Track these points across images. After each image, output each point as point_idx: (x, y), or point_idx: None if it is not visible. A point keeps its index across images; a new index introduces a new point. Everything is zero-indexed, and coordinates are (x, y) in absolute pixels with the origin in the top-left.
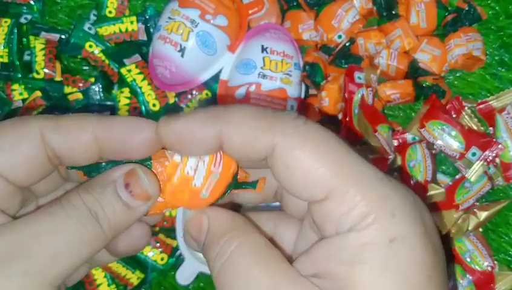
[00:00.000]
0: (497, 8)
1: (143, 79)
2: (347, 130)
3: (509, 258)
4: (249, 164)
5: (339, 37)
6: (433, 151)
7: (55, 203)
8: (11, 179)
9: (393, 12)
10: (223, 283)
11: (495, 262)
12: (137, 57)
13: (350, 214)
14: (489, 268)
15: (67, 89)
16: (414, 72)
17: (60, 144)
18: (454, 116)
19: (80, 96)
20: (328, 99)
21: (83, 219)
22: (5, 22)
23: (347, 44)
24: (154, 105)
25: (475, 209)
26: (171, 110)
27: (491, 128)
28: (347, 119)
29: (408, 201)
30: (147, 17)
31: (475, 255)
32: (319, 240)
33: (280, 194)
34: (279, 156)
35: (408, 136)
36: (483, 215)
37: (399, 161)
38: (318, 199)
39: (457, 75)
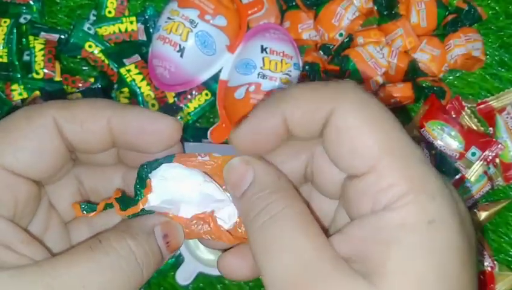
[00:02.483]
0: (497, 8)
1: (143, 79)
2: None
3: (509, 259)
4: (306, 136)
5: (341, 35)
6: (433, 151)
7: (96, 245)
8: (33, 175)
9: (394, 11)
10: (263, 241)
11: (495, 262)
12: (136, 57)
13: (389, 191)
14: (489, 268)
15: (67, 89)
16: (413, 72)
17: (74, 135)
18: (454, 116)
19: (79, 96)
20: None
21: (130, 269)
22: (5, 22)
23: (346, 40)
24: (153, 105)
25: (475, 209)
26: (169, 109)
27: (491, 128)
28: None
29: (447, 188)
30: (146, 17)
31: (480, 260)
32: (353, 221)
33: (310, 173)
34: (333, 121)
35: None
36: (483, 215)
37: None
38: (360, 171)
39: (457, 75)
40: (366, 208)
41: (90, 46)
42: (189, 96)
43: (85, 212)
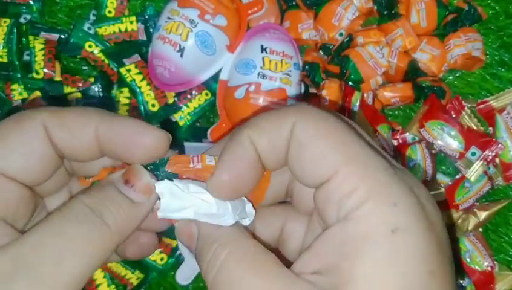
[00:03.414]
0: (497, 8)
1: (143, 79)
2: None
3: (509, 258)
4: (277, 165)
5: (341, 34)
6: (433, 151)
7: (55, 211)
8: (24, 179)
9: (394, 11)
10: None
11: (495, 262)
12: (136, 57)
13: (351, 196)
14: (489, 268)
15: (67, 89)
16: (413, 72)
17: (63, 141)
18: (454, 116)
19: (79, 96)
20: (328, 98)
21: (85, 220)
22: (5, 21)
23: (346, 40)
24: (153, 105)
25: (475, 209)
26: (169, 109)
27: (490, 128)
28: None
29: (413, 193)
30: (146, 17)
31: (475, 255)
32: (320, 234)
33: (290, 191)
34: (294, 135)
35: (408, 136)
36: (483, 215)
37: (399, 161)
38: (323, 179)
39: (457, 75)
40: (332, 216)
41: (90, 46)
42: (189, 96)
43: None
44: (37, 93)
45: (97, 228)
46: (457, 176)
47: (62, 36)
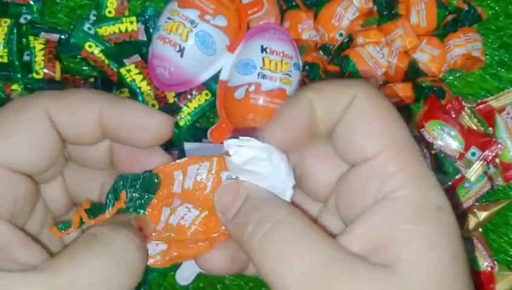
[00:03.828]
0: (497, 8)
1: (143, 79)
2: None
3: (509, 259)
4: (328, 125)
5: (340, 35)
6: (433, 151)
7: (93, 240)
8: (29, 169)
9: (393, 11)
10: (270, 249)
11: (495, 262)
12: (136, 57)
13: (395, 176)
14: (489, 268)
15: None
16: (413, 72)
17: (65, 125)
18: (454, 116)
19: None
20: None
21: (130, 255)
22: (5, 22)
23: (346, 40)
24: (153, 105)
25: (475, 209)
26: (169, 109)
27: (490, 128)
28: None
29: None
30: (146, 17)
31: (474, 256)
32: (358, 219)
33: (298, 176)
34: (353, 105)
35: None
36: (483, 215)
37: None
38: (369, 155)
39: (457, 75)
40: (371, 192)
41: (90, 46)
42: (189, 96)
43: (63, 231)
44: None
45: (141, 269)
46: (457, 176)
47: (62, 36)
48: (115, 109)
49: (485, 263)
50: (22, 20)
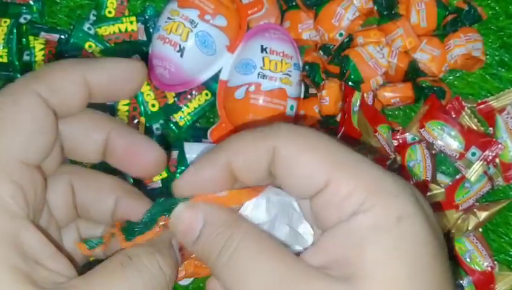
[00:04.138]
0: (497, 8)
1: None
2: (345, 130)
3: (509, 259)
4: (255, 181)
5: (341, 35)
6: (433, 151)
7: (128, 263)
8: (36, 159)
9: (394, 11)
10: (232, 274)
11: (495, 262)
12: (136, 57)
13: (352, 197)
14: (489, 268)
15: None
16: (413, 72)
17: (56, 101)
18: (454, 116)
19: None
20: (328, 98)
21: (159, 283)
22: (5, 22)
23: (346, 40)
24: (153, 105)
25: (475, 210)
26: (169, 109)
27: (491, 128)
28: (345, 117)
29: (407, 186)
30: (146, 17)
31: (475, 256)
32: (324, 232)
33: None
34: (279, 154)
35: (408, 136)
36: (483, 215)
37: (399, 161)
38: (318, 188)
39: (457, 75)
40: (333, 219)
41: (90, 46)
42: (189, 96)
43: (92, 249)
44: None
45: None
46: (457, 176)
47: (62, 36)
48: (98, 69)
49: (485, 263)
50: (21, 20)
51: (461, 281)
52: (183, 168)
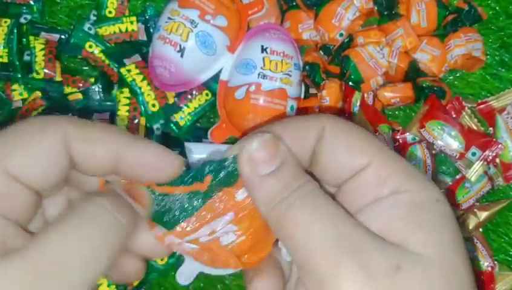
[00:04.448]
0: (497, 8)
1: (143, 79)
2: None
3: (509, 259)
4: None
5: (341, 35)
6: (433, 151)
7: (67, 212)
8: (38, 186)
9: (394, 11)
10: (295, 216)
11: (496, 262)
12: (136, 57)
13: (391, 179)
14: (489, 268)
15: (67, 89)
16: (413, 72)
17: (80, 154)
18: (454, 116)
19: (80, 96)
20: (329, 98)
21: (108, 221)
22: (5, 22)
23: (346, 40)
24: (153, 105)
25: (475, 209)
26: (169, 109)
27: (491, 128)
28: (346, 117)
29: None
30: (147, 17)
31: (475, 256)
32: (363, 208)
33: (314, 161)
34: (327, 134)
35: (408, 136)
36: (483, 215)
37: None
38: (359, 168)
39: (457, 75)
40: (371, 198)
41: (90, 46)
42: (189, 96)
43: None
44: (38, 94)
45: (123, 235)
46: (458, 176)
47: (63, 36)
48: (132, 149)
49: (485, 263)
50: (22, 20)
51: None
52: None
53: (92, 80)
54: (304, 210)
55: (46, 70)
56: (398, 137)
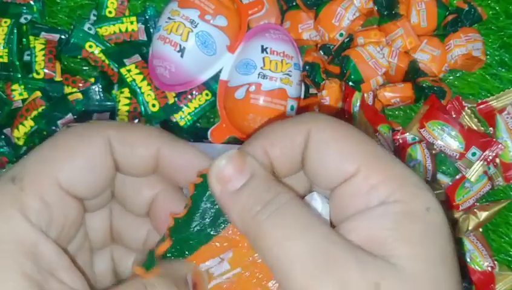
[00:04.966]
0: (497, 8)
1: (143, 79)
2: None
3: (509, 259)
4: (290, 170)
5: (341, 35)
6: (433, 152)
7: None
8: (83, 194)
9: (394, 11)
10: (272, 233)
11: (496, 262)
12: (136, 57)
13: (381, 187)
14: (489, 268)
15: (67, 89)
16: (413, 72)
17: (123, 157)
18: (454, 116)
19: (80, 96)
20: (329, 98)
21: None
22: (5, 22)
23: (346, 40)
24: (153, 105)
25: (475, 210)
26: (169, 109)
27: (491, 128)
28: (346, 117)
29: (424, 182)
30: (147, 17)
31: (475, 256)
32: (351, 217)
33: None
34: (312, 139)
35: (408, 136)
36: (483, 215)
37: None
38: (348, 175)
39: (457, 75)
40: (360, 206)
41: (90, 46)
42: (189, 97)
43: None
44: (38, 94)
45: None
46: (458, 176)
47: (63, 36)
48: (173, 149)
49: (485, 263)
50: (22, 20)
51: (464, 284)
52: None
53: (92, 80)
54: (279, 224)
55: (46, 70)
56: (398, 137)
